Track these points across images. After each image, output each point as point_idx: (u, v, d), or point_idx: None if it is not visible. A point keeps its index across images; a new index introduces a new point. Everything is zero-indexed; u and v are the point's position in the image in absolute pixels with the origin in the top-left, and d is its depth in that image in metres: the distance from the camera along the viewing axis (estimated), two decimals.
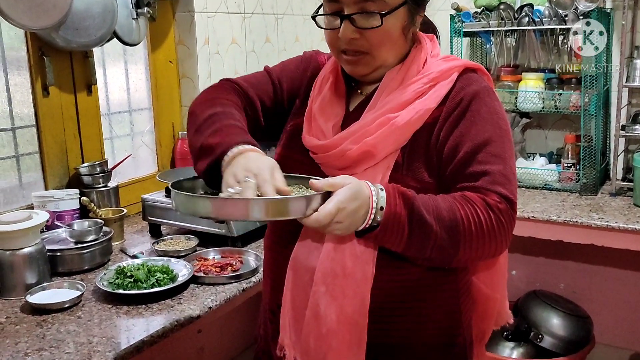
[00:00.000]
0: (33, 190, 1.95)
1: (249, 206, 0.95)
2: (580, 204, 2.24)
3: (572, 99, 2.37)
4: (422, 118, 1.11)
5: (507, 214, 1.06)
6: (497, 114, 1.12)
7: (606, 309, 2.66)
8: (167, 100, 2.42)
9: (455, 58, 1.20)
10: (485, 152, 1.08)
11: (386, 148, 1.10)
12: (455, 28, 2.49)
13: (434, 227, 1.01)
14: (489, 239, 1.05)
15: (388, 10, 1.09)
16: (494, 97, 1.14)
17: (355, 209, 0.98)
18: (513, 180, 1.09)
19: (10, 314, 1.45)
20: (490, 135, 1.09)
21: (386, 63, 1.15)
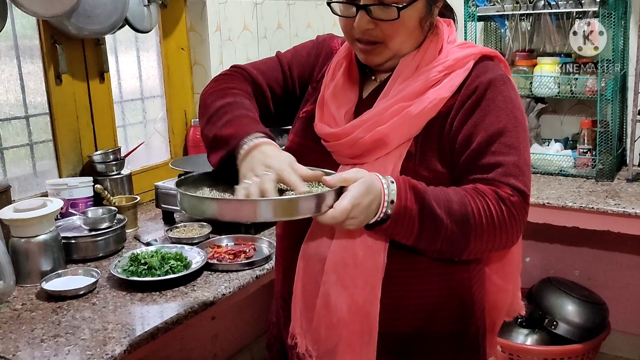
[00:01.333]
0: (47, 178, 1.96)
1: (258, 207, 0.92)
2: (596, 190, 2.21)
3: (589, 83, 2.34)
4: (437, 107, 1.09)
5: (519, 206, 1.05)
6: (512, 103, 1.09)
7: (622, 296, 2.64)
8: (179, 88, 2.42)
9: (472, 45, 1.17)
10: (499, 143, 1.07)
11: (399, 137, 1.09)
12: (469, 12, 2.46)
13: (444, 220, 1.00)
14: (501, 232, 1.04)
15: (406, 4, 1.07)
16: (510, 85, 1.12)
17: (369, 203, 0.97)
18: (527, 172, 1.08)
19: (26, 301, 1.46)
20: (504, 125, 1.07)
21: (401, 52, 1.13)
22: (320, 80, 1.23)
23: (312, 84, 1.26)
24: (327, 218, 0.95)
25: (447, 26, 1.19)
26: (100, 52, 2.07)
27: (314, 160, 1.14)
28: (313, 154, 1.17)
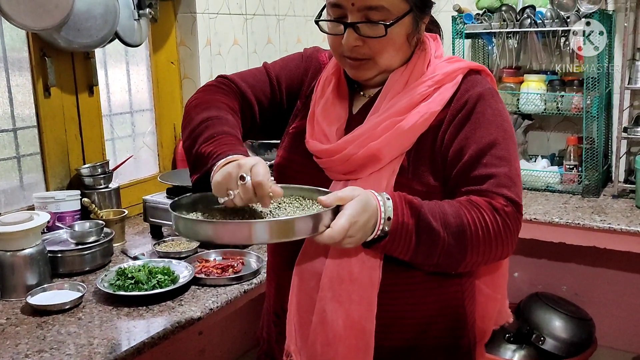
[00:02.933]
0: (34, 191, 1.95)
1: (254, 229, 0.91)
2: (583, 206, 2.23)
3: (574, 100, 2.37)
4: (428, 121, 1.10)
5: (513, 216, 1.05)
6: (501, 116, 1.11)
7: (608, 312, 2.65)
8: (168, 102, 2.42)
9: (459, 59, 1.19)
10: (490, 155, 1.08)
11: (391, 152, 1.10)
12: (457, 29, 2.49)
13: (441, 233, 1.00)
14: (496, 243, 1.05)
15: (393, 21, 1.08)
16: (498, 98, 1.14)
17: (366, 221, 0.96)
18: (518, 183, 1.09)
19: (11, 315, 1.45)
20: (495, 138, 1.09)
21: (390, 68, 1.14)
22: (310, 95, 1.24)
23: (300, 99, 1.26)
24: (325, 238, 0.94)
25: (434, 41, 1.20)
26: (90, 65, 2.07)
27: (305, 176, 1.14)
28: (304, 169, 1.17)
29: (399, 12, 1.08)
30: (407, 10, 1.08)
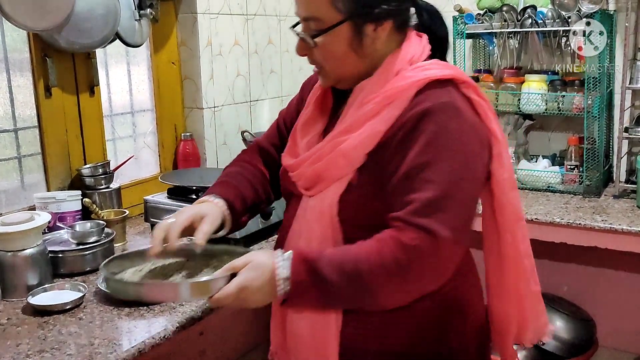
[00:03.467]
0: (35, 191, 1.95)
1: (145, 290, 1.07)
2: (584, 206, 2.23)
3: (575, 100, 2.36)
4: (373, 140, 1.07)
5: (426, 250, 0.98)
6: (447, 133, 1.02)
7: (610, 312, 2.65)
8: (169, 102, 2.42)
9: (433, 66, 1.10)
10: (418, 178, 1.01)
11: (335, 173, 1.11)
12: (458, 30, 2.48)
13: (337, 283, 1.00)
14: (407, 279, 1.00)
15: (317, 32, 1.09)
16: (450, 113, 1.04)
17: (259, 286, 1.01)
18: (447, 208, 1.00)
19: (12, 315, 1.45)
20: (428, 159, 1.01)
21: (344, 77, 1.14)
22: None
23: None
24: (213, 301, 1.03)
25: (418, 43, 1.14)
26: (91, 65, 2.07)
27: (289, 189, 1.22)
28: (288, 183, 1.22)
29: (332, 22, 1.07)
30: (341, 19, 1.07)
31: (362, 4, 1.07)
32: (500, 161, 1.10)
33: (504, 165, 1.11)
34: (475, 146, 1.05)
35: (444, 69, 1.09)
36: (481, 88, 2.49)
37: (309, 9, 1.10)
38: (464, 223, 1.03)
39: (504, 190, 1.12)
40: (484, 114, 1.09)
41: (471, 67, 2.72)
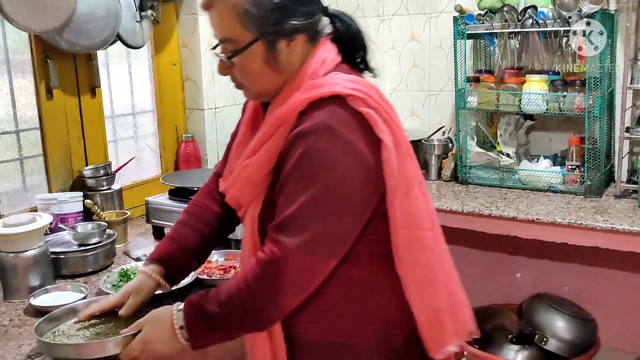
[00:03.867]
0: (37, 192, 1.95)
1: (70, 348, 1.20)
2: (585, 206, 2.23)
3: (576, 101, 2.36)
4: (270, 161, 1.14)
5: (275, 261, 1.07)
6: (313, 154, 1.06)
7: (611, 312, 2.65)
8: (170, 103, 2.43)
9: (323, 83, 1.13)
10: (283, 196, 1.09)
11: (247, 196, 1.19)
12: (459, 30, 2.49)
13: (219, 313, 1.11)
14: (269, 291, 1.09)
15: (233, 52, 1.14)
16: (320, 134, 1.07)
17: (161, 337, 1.15)
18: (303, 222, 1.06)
19: (14, 317, 1.45)
20: (294, 178, 1.08)
21: (264, 92, 1.19)
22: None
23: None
24: (123, 355, 1.18)
25: (324, 53, 1.18)
26: (92, 67, 2.08)
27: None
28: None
29: (245, 41, 1.12)
30: (253, 39, 1.12)
31: (271, 23, 1.11)
32: (388, 167, 1.11)
33: (391, 171, 1.11)
34: (347, 163, 1.08)
35: (332, 86, 1.11)
36: (482, 88, 2.49)
37: (223, 31, 1.15)
38: (322, 237, 1.07)
39: (395, 196, 1.12)
40: (374, 123, 1.10)
41: (472, 68, 2.72)
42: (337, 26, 1.22)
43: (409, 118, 3.06)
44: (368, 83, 1.17)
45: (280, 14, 1.11)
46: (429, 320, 1.18)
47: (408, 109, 3.05)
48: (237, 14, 1.10)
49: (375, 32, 3.05)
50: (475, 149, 2.59)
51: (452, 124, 2.81)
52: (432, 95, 2.98)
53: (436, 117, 2.98)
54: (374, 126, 1.10)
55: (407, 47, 2.99)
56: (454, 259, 1.26)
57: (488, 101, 2.53)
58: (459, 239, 2.82)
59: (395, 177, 1.11)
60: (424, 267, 1.16)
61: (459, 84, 2.54)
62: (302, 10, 1.13)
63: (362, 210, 1.12)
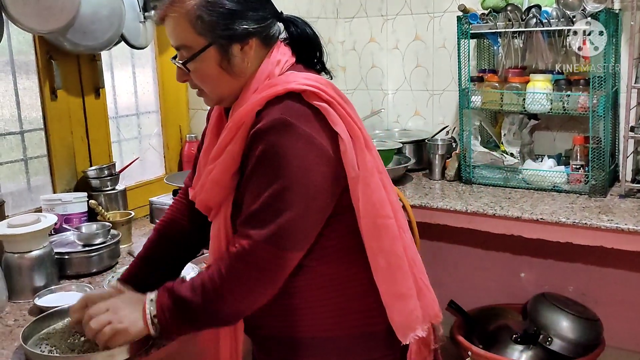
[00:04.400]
0: (41, 193, 1.96)
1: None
2: (590, 206, 2.23)
3: (581, 100, 2.36)
4: (235, 162, 1.16)
5: (243, 253, 1.10)
6: (274, 150, 1.09)
7: (616, 312, 2.64)
8: (174, 103, 2.43)
9: (278, 82, 1.16)
10: (248, 192, 1.13)
11: (216, 200, 1.21)
12: (463, 30, 2.48)
13: (191, 298, 1.12)
14: (239, 281, 1.11)
15: (188, 58, 1.18)
16: (279, 130, 1.10)
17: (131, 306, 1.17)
18: (267, 216, 1.09)
19: (19, 317, 1.46)
20: (257, 175, 1.11)
21: (223, 96, 1.22)
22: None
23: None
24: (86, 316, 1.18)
25: (278, 54, 1.21)
26: (96, 67, 2.08)
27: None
28: None
29: (198, 47, 1.16)
30: (207, 44, 1.16)
31: (222, 27, 1.15)
32: (346, 159, 1.14)
33: (349, 163, 1.14)
34: (308, 156, 1.11)
35: (286, 84, 1.15)
36: (485, 87, 2.49)
37: (178, 39, 1.19)
38: (288, 229, 1.10)
39: (356, 187, 1.16)
40: (329, 117, 1.13)
41: (476, 67, 2.71)
42: (291, 31, 1.26)
43: (412, 118, 3.06)
44: (323, 79, 1.21)
45: (232, 19, 1.15)
46: (397, 307, 1.21)
47: (411, 109, 3.05)
48: (190, 21, 1.15)
49: (378, 31, 3.05)
50: (479, 149, 2.58)
51: (455, 124, 2.81)
52: (436, 95, 2.97)
53: (440, 116, 2.98)
54: (329, 119, 1.13)
55: (410, 47, 2.98)
56: (458, 258, 1.29)
57: (492, 101, 2.52)
58: (463, 238, 2.82)
59: (354, 168, 1.15)
60: (388, 254, 1.19)
61: (463, 83, 2.54)
62: (253, 15, 1.18)
63: (326, 202, 1.15)
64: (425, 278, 1.29)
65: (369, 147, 1.20)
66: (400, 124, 3.09)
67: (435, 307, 1.28)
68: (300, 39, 1.27)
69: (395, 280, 1.20)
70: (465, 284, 2.91)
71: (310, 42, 1.28)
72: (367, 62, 3.12)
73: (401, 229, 1.23)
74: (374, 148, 1.22)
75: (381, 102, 3.12)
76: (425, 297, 1.26)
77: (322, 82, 1.19)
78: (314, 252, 1.19)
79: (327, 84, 1.20)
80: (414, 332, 1.22)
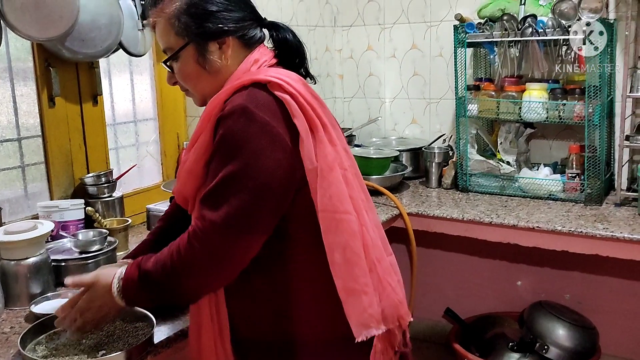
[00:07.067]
0: (38, 200, 1.96)
1: None
2: (585, 214, 2.23)
3: (576, 109, 2.37)
4: (206, 151, 1.19)
5: (199, 233, 1.13)
6: (231, 134, 1.13)
7: (612, 320, 2.64)
8: (172, 111, 2.43)
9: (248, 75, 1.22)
10: (209, 175, 1.16)
11: (190, 187, 1.24)
12: (459, 39, 2.50)
13: (154, 272, 1.16)
14: (195, 261, 1.14)
15: (168, 57, 1.27)
16: (237, 116, 1.14)
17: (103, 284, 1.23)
18: (221, 197, 1.12)
19: (15, 324, 1.45)
20: (215, 158, 1.15)
21: (208, 94, 1.26)
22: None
23: None
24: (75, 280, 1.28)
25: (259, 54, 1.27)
26: (94, 75, 2.09)
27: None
28: None
29: (176, 47, 1.26)
30: (185, 43, 1.24)
31: (197, 26, 1.23)
32: (303, 151, 1.17)
33: (306, 155, 1.17)
34: (262, 142, 1.14)
35: (254, 75, 1.21)
36: (482, 96, 2.50)
37: (162, 42, 1.28)
38: (240, 211, 1.12)
39: (313, 179, 1.18)
40: (289, 108, 1.18)
41: (472, 76, 2.73)
42: (272, 34, 1.32)
43: (409, 126, 3.07)
44: (295, 76, 1.25)
45: (206, 19, 1.23)
46: (350, 302, 1.19)
47: (409, 117, 3.06)
48: (170, 24, 1.25)
49: (376, 40, 3.07)
50: (475, 157, 2.59)
51: (452, 132, 2.82)
52: (433, 103, 2.99)
53: (437, 125, 2.99)
54: (289, 110, 1.17)
55: (407, 56, 3.00)
56: (454, 266, 1.28)
57: (488, 109, 2.53)
58: (459, 246, 2.82)
59: (312, 160, 1.17)
60: (343, 249, 1.18)
61: (460, 92, 2.55)
62: (228, 15, 1.25)
63: (281, 188, 1.16)
64: (394, 280, 1.27)
65: (333, 142, 1.22)
66: (398, 131, 3.11)
67: (401, 309, 1.26)
68: (281, 43, 1.32)
69: (350, 276, 1.19)
70: (462, 292, 2.92)
71: (292, 47, 1.33)
72: (364, 70, 3.14)
73: (364, 227, 1.22)
74: (338, 143, 1.24)
75: (378, 110, 3.13)
76: (389, 298, 1.24)
77: (292, 77, 1.23)
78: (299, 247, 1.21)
79: (298, 80, 1.24)
80: (367, 330, 1.20)
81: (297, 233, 1.21)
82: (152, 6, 1.28)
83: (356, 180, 1.27)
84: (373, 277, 1.22)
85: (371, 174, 2.51)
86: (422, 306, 2.83)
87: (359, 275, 1.20)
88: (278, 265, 1.22)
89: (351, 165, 1.27)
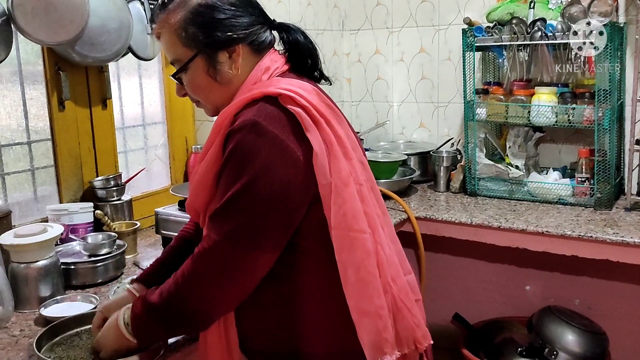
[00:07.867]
0: (48, 203, 1.97)
1: None
2: (595, 219, 2.22)
3: (586, 113, 2.36)
4: (216, 163, 1.16)
5: (204, 253, 1.12)
6: (240, 149, 1.10)
7: (622, 325, 2.62)
8: (180, 114, 2.44)
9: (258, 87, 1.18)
10: (218, 192, 1.14)
11: (201, 199, 1.22)
12: (468, 42, 2.49)
13: (160, 303, 1.14)
14: (200, 282, 1.12)
15: (177, 70, 1.23)
16: (247, 131, 1.10)
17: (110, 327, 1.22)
18: (226, 214, 1.10)
19: (24, 327, 1.46)
20: (224, 174, 1.13)
21: (219, 105, 1.23)
22: None
23: None
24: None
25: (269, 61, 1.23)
26: (103, 79, 2.10)
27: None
28: None
29: (185, 58, 1.22)
30: (194, 54, 1.20)
31: (206, 36, 1.19)
32: (317, 166, 1.13)
33: (320, 170, 1.13)
34: (271, 157, 1.10)
35: (265, 88, 1.16)
36: (490, 100, 2.49)
37: (170, 53, 1.24)
38: (245, 227, 1.10)
39: (326, 196, 1.13)
40: (302, 122, 1.13)
41: (481, 80, 2.72)
42: (283, 37, 1.27)
43: (417, 129, 3.06)
44: (308, 86, 1.20)
45: (214, 28, 1.18)
46: (364, 324, 1.15)
47: (417, 121, 3.06)
48: (177, 35, 1.20)
49: (384, 44, 3.06)
50: (484, 161, 2.58)
51: (460, 136, 2.81)
52: (441, 107, 2.98)
53: (445, 128, 2.98)
54: (302, 124, 1.13)
55: (415, 59, 3.00)
56: (463, 271, 1.26)
57: (497, 113, 2.52)
58: (467, 251, 2.81)
59: (326, 175, 1.13)
60: (357, 269, 1.14)
61: (468, 95, 2.54)
62: (236, 22, 1.20)
63: (292, 204, 1.12)
64: (410, 300, 1.23)
65: (348, 156, 1.17)
66: (406, 135, 3.10)
67: (417, 332, 1.21)
68: (292, 45, 1.27)
69: (364, 296, 1.15)
70: (470, 297, 2.90)
71: (303, 49, 1.28)
72: (372, 74, 3.13)
73: (379, 245, 1.18)
74: (358, 159, 1.20)
75: (386, 114, 3.13)
76: (404, 319, 1.20)
77: (306, 88, 1.18)
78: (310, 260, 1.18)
79: (311, 91, 1.18)
80: (382, 356, 1.15)
81: (308, 246, 1.17)
82: (157, 14, 1.24)
83: (372, 195, 1.22)
84: (387, 298, 1.18)
85: (379, 178, 2.51)
86: (430, 311, 2.80)
87: (373, 295, 1.15)
88: (288, 277, 1.18)
89: (367, 179, 1.23)
